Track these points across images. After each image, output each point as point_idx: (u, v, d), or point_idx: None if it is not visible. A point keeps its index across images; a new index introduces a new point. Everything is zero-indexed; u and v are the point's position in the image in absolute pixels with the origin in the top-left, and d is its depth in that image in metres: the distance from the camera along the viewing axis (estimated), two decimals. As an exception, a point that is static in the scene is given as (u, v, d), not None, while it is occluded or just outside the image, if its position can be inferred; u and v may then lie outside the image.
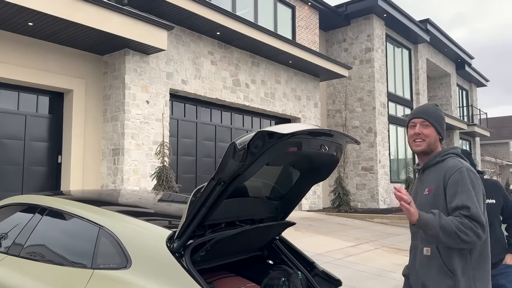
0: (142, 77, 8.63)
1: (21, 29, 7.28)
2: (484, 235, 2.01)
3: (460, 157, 2.26)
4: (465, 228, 1.97)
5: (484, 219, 2.03)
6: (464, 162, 2.20)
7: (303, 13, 14.05)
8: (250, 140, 1.99)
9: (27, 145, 7.92)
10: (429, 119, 2.27)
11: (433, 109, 2.31)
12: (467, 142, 25.05)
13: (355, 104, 15.47)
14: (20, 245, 2.81)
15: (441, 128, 2.29)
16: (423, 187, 2.24)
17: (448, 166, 2.17)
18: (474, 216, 2.00)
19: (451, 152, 2.26)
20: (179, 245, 2.19)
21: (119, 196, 3.48)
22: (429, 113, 2.28)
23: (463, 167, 2.13)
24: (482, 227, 2.00)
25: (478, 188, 2.11)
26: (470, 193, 2.05)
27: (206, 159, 10.56)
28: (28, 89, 7.97)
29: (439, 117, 2.29)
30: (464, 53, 22.34)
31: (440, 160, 2.23)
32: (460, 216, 2.01)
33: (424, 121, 2.27)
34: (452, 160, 2.20)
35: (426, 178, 2.26)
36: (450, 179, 2.11)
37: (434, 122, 2.26)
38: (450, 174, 2.13)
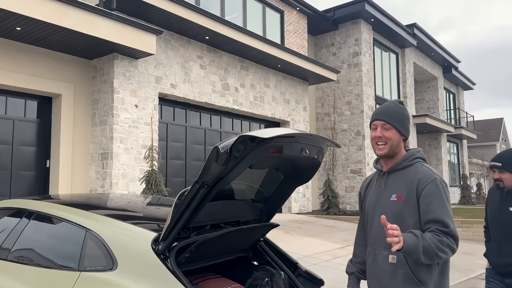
0: (131, 81, 8.66)
1: (9, 33, 7.28)
2: (455, 251, 2.00)
3: (425, 161, 2.22)
4: (444, 246, 1.95)
5: (456, 229, 2.02)
6: (434, 170, 2.14)
7: (291, 17, 14.18)
8: (232, 144, 2.06)
9: (15, 150, 7.90)
10: (390, 121, 2.15)
11: (395, 109, 2.17)
12: (454, 144, 25.36)
13: (344, 108, 15.62)
14: (8, 249, 2.84)
15: (404, 128, 2.17)
16: (389, 192, 2.16)
17: (421, 174, 2.09)
18: (452, 232, 1.98)
19: (418, 156, 2.18)
20: (164, 247, 2.25)
21: (107, 200, 3.52)
22: (390, 114, 2.16)
23: (437, 179, 2.07)
24: (457, 242, 2.00)
25: (449, 199, 2.09)
26: (446, 207, 2.03)
27: (195, 163, 10.59)
28: (16, 94, 7.95)
29: (401, 117, 2.17)
30: (451, 57, 22.67)
31: (408, 165, 2.16)
32: (438, 232, 1.97)
33: (385, 124, 2.16)
34: (422, 168, 2.13)
35: (391, 182, 2.17)
36: (425, 190, 2.05)
37: (395, 124, 2.15)
38: (424, 184, 2.06)
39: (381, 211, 2.14)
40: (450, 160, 24.17)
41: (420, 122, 19.06)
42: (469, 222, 10.51)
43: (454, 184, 24.16)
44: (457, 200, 22.47)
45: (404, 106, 2.21)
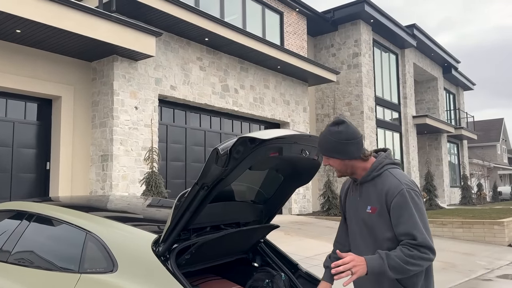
0: (131, 83, 8.67)
1: (9, 36, 7.28)
2: (435, 255, 1.98)
3: (395, 165, 2.16)
4: (415, 260, 1.93)
5: (432, 238, 1.99)
6: (403, 178, 2.08)
7: (291, 19, 14.19)
8: (232, 146, 2.06)
9: (15, 152, 7.90)
10: (325, 152, 2.11)
11: (327, 139, 2.08)
12: (454, 145, 25.36)
13: (344, 109, 15.63)
14: (8, 251, 2.84)
15: (342, 153, 2.07)
16: (364, 203, 2.14)
17: (388, 186, 2.05)
18: (422, 243, 1.95)
19: (386, 163, 2.12)
20: (164, 248, 2.25)
21: (107, 202, 3.52)
22: (323, 145, 2.11)
23: (404, 189, 2.02)
24: (431, 250, 1.97)
25: (421, 206, 2.03)
26: (414, 218, 1.98)
27: (195, 164, 10.59)
28: (16, 96, 7.96)
29: (334, 145, 2.07)
30: (450, 57, 22.69)
31: (377, 175, 2.11)
32: (408, 246, 1.96)
33: (323, 155, 2.14)
34: (389, 178, 2.07)
35: (365, 193, 2.14)
36: (393, 203, 2.01)
37: (330, 154, 2.09)
38: (392, 197, 2.02)
39: (359, 223, 2.16)
40: (450, 161, 24.17)
41: (420, 122, 19.07)
42: (469, 223, 10.50)
43: (454, 185, 24.16)
44: (458, 201, 22.47)
45: (338, 129, 2.05)
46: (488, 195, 27.42)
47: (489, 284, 6.29)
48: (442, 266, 7.36)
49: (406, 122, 18.61)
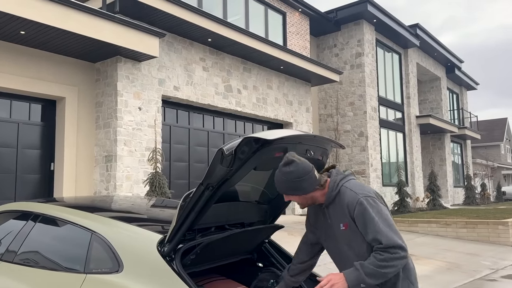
0: (134, 84, 8.69)
1: (13, 37, 7.32)
2: (407, 251, 2.05)
3: (348, 176, 2.26)
4: (388, 262, 2.00)
5: (400, 235, 2.06)
6: (358, 188, 2.18)
7: (293, 19, 14.19)
8: (237, 146, 2.06)
9: (19, 153, 7.93)
10: (282, 191, 2.21)
11: (280, 180, 2.17)
12: (458, 145, 25.29)
13: (347, 109, 15.61)
14: (14, 252, 2.86)
15: (299, 190, 2.16)
16: (337, 223, 2.23)
17: (347, 200, 2.16)
18: (388, 245, 2.02)
19: (339, 180, 2.23)
20: (170, 249, 2.25)
21: (111, 202, 3.54)
22: (278, 186, 2.20)
23: (360, 198, 2.12)
24: (400, 247, 2.02)
25: (379, 209, 2.11)
26: (375, 223, 2.06)
27: (198, 165, 10.60)
28: (21, 97, 7.99)
29: (287, 184, 2.15)
30: (454, 57, 22.62)
31: (336, 194, 2.22)
32: (378, 251, 2.04)
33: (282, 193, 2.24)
34: (346, 192, 2.18)
35: (333, 214, 2.24)
36: (355, 214, 2.12)
37: (286, 192, 2.20)
38: (353, 208, 2.13)
39: (337, 242, 2.25)
40: (454, 161, 24.10)
41: (423, 122, 19.02)
42: (473, 223, 10.47)
43: (458, 185, 24.09)
44: (461, 201, 22.40)
45: (290, 169, 2.13)
46: (492, 195, 27.32)
47: (494, 284, 6.27)
48: (447, 267, 7.34)
49: (410, 122, 18.57)
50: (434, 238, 10.28)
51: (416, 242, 9.64)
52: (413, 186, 18.21)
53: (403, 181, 14.97)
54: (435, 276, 6.64)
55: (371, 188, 2.31)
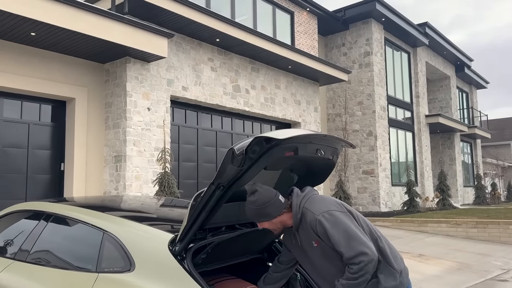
0: (143, 85, 8.73)
1: (24, 39, 7.39)
2: (373, 254, 2.14)
3: (306, 195, 2.36)
4: (359, 273, 2.13)
5: (361, 240, 2.16)
6: (315, 207, 2.28)
7: (301, 18, 14.16)
8: (247, 146, 2.07)
9: (30, 153, 8.01)
10: (253, 220, 2.37)
11: (248, 210, 2.33)
12: (468, 144, 25.07)
13: (355, 108, 15.55)
14: (27, 251, 2.89)
15: (267, 216, 2.30)
16: (309, 243, 2.33)
17: (309, 221, 2.28)
18: (350, 256, 2.14)
19: (299, 203, 2.34)
20: (181, 248, 2.26)
21: (122, 201, 3.56)
22: (248, 215, 2.34)
23: (317, 218, 2.24)
24: (362, 253, 2.13)
25: (338, 221, 2.22)
26: (334, 238, 2.18)
27: (207, 165, 10.63)
28: (31, 98, 8.07)
29: (256, 212, 2.30)
30: (463, 55, 22.42)
31: (301, 216, 2.32)
32: (347, 265, 2.17)
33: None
34: (306, 214, 2.30)
35: (303, 236, 2.35)
36: (319, 233, 2.25)
37: (257, 220, 2.34)
38: (315, 228, 2.25)
39: (315, 260, 2.35)
40: (463, 160, 23.89)
41: (433, 121, 18.88)
42: (484, 223, 10.37)
43: (468, 185, 23.88)
44: (472, 201, 22.20)
45: (254, 198, 2.28)
46: (503, 195, 27.04)
47: (505, 284, 6.21)
48: (457, 267, 7.29)
49: (419, 121, 18.44)
50: (444, 238, 10.20)
51: (426, 242, 9.57)
52: (423, 185, 18.09)
53: (412, 180, 14.87)
54: (445, 276, 6.59)
55: (330, 199, 2.40)
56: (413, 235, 10.40)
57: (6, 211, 3.42)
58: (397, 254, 2.41)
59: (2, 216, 3.42)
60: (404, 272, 2.35)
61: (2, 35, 7.19)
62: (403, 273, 2.34)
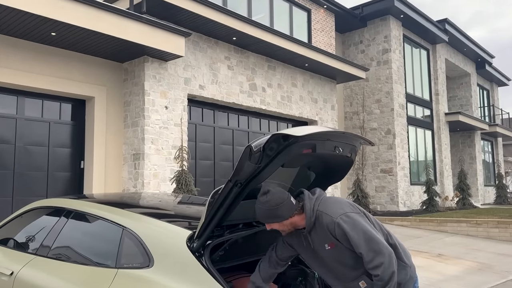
0: (161, 83, 8.81)
1: (44, 39, 7.53)
2: (390, 251, 2.16)
3: (318, 196, 2.35)
4: (385, 273, 2.12)
5: (378, 240, 2.17)
6: (332, 210, 2.26)
7: (318, 16, 14.08)
8: (265, 143, 2.06)
9: (51, 151, 8.16)
10: (263, 221, 2.32)
11: (259, 210, 2.29)
12: (488, 142, 24.57)
13: (373, 106, 15.38)
14: (48, 246, 2.94)
15: (279, 217, 2.27)
16: (321, 245, 2.32)
17: (326, 224, 2.26)
18: (371, 257, 2.14)
19: (313, 206, 2.31)
20: (199, 245, 2.28)
21: (140, 198, 3.60)
22: (259, 216, 2.31)
23: (336, 220, 2.22)
24: (381, 253, 2.14)
25: (356, 223, 2.21)
26: (354, 240, 2.18)
27: (224, 163, 10.66)
28: (52, 97, 8.22)
29: (265, 214, 2.27)
30: (484, 52, 21.96)
31: (315, 220, 2.30)
32: (373, 275, 2.16)
33: (263, 222, 2.36)
34: (323, 216, 2.27)
35: (316, 237, 2.33)
36: (337, 236, 2.24)
37: (268, 221, 2.30)
38: (334, 232, 2.24)
39: (326, 262, 2.34)
40: (484, 159, 23.43)
41: (452, 119, 18.56)
42: (505, 222, 10.16)
43: (489, 184, 23.41)
44: (492, 200, 21.77)
45: (267, 199, 2.25)
46: (525, 194, 26.40)
47: (528, 286, 6.06)
48: (478, 267, 7.15)
49: (438, 119, 18.15)
50: (464, 238, 10.03)
51: (445, 242, 9.42)
52: (442, 185, 17.80)
53: (431, 179, 14.65)
54: (465, 277, 6.47)
55: (343, 200, 2.39)
56: (432, 235, 10.24)
57: (27, 208, 3.50)
58: (406, 249, 2.45)
59: (24, 213, 3.50)
60: (413, 267, 2.42)
61: (24, 35, 7.34)
62: (412, 267, 2.40)
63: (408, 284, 2.34)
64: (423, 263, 7.02)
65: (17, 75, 7.44)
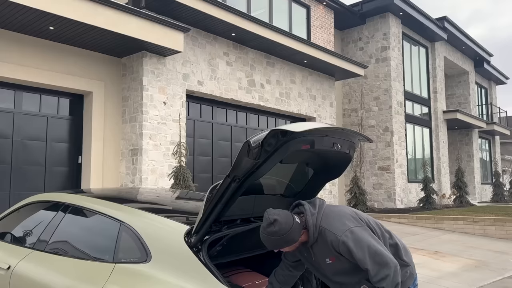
0: (159, 79, 8.78)
1: (42, 33, 7.49)
2: (395, 263, 2.18)
3: (319, 209, 2.34)
4: (392, 283, 2.15)
5: (383, 253, 2.19)
6: (335, 227, 2.27)
7: (318, 12, 14.05)
8: (263, 138, 2.06)
9: (48, 146, 8.14)
10: (275, 248, 2.30)
11: (269, 240, 2.25)
12: (486, 141, 24.62)
13: (371, 103, 15.39)
14: (45, 241, 2.94)
15: (290, 242, 2.26)
16: (322, 258, 2.34)
17: (330, 240, 2.26)
18: (377, 271, 2.16)
19: (316, 222, 2.31)
20: (197, 240, 2.28)
21: (138, 193, 3.60)
22: (270, 245, 2.28)
23: (340, 238, 2.22)
24: (386, 264, 2.16)
25: (359, 238, 2.21)
26: (358, 258, 2.19)
27: (222, 159, 10.66)
28: (49, 92, 8.19)
29: (280, 240, 2.24)
30: (482, 50, 21.97)
31: (317, 236, 2.30)
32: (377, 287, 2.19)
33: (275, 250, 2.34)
34: (327, 233, 2.27)
35: (318, 251, 2.34)
36: (341, 252, 2.25)
37: (281, 247, 2.28)
38: (338, 248, 2.25)
39: (324, 270, 2.37)
40: (481, 157, 23.48)
41: (450, 117, 18.58)
42: (502, 220, 10.20)
43: (486, 182, 23.48)
44: (489, 198, 21.85)
45: (275, 229, 2.22)
46: (522, 193, 26.49)
47: (523, 283, 6.09)
48: (475, 264, 7.18)
49: (436, 117, 18.18)
50: (461, 236, 10.07)
51: (442, 239, 9.46)
52: (439, 182, 17.85)
53: (429, 177, 14.69)
54: (462, 274, 6.50)
55: (345, 212, 2.38)
56: (429, 232, 10.28)
57: (25, 202, 3.49)
58: (406, 248, 2.47)
59: (21, 207, 3.49)
60: (413, 264, 2.45)
61: (21, 29, 7.30)
62: (412, 265, 2.43)
63: (408, 281, 2.36)
64: (420, 260, 7.05)
65: (14, 69, 7.40)
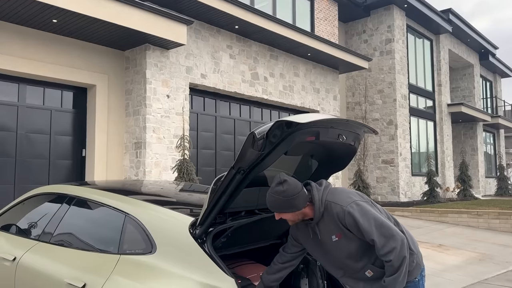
0: (163, 72, 8.77)
1: (46, 26, 7.48)
2: (402, 236, 2.17)
3: (325, 187, 2.34)
4: (397, 258, 2.14)
5: (389, 226, 2.18)
6: (340, 199, 2.26)
7: (322, 5, 13.96)
8: (268, 130, 2.05)
9: (52, 139, 8.16)
10: (276, 210, 2.29)
11: (274, 199, 2.25)
12: (491, 134, 24.51)
13: (375, 96, 15.33)
14: (50, 233, 2.95)
15: (293, 207, 2.24)
16: (328, 236, 2.31)
17: (336, 213, 2.25)
18: (384, 242, 2.15)
19: (322, 197, 2.30)
20: (201, 231, 2.28)
21: (142, 186, 3.60)
22: (272, 205, 2.27)
23: (346, 209, 2.22)
24: (393, 237, 2.15)
25: (365, 210, 2.22)
26: (365, 228, 2.18)
27: (225, 152, 10.66)
28: (53, 85, 8.19)
29: (280, 203, 2.24)
30: (488, 43, 21.80)
31: (323, 210, 2.29)
32: (383, 260, 2.19)
33: (275, 212, 2.32)
34: (333, 206, 2.26)
35: (324, 228, 2.31)
36: (347, 225, 2.23)
37: (279, 210, 2.27)
38: (344, 220, 2.23)
39: (333, 253, 2.34)
40: (486, 151, 23.39)
41: (455, 111, 18.49)
42: (506, 213, 10.17)
43: (490, 175, 23.40)
44: (493, 192, 21.79)
45: (283, 188, 2.22)
46: (526, 186, 26.40)
47: (528, 276, 6.08)
48: (479, 257, 7.18)
49: (441, 110, 18.09)
50: (464, 229, 10.05)
51: (446, 233, 9.45)
52: (443, 176, 17.81)
53: (433, 170, 14.65)
54: (466, 267, 6.50)
55: (350, 190, 2.40)
56: (433, 225, 10.27)
57: (30, 194, 3.50)
58: (413, 237, 2.46)
59: (26, 199, 3.50)
60: (420, 254, 2.43)
61: (25, 22, 7.29)
62: (419, 255, 2.41)
63: (415, 271, 2.34)
64: (424, 253, 7.03)
65: (18, 62, 7.41)
